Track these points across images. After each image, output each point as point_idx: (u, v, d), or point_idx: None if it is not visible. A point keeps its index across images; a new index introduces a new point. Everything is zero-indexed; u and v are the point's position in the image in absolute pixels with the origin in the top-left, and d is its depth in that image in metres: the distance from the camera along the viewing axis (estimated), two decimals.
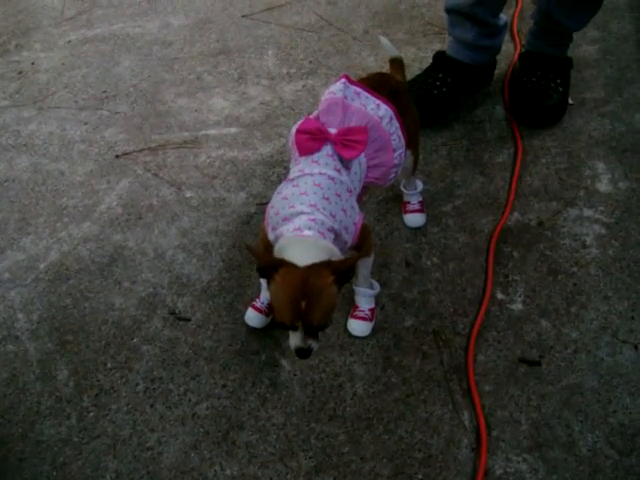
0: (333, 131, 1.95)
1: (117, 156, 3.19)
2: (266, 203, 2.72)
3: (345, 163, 1.93)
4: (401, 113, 2.09)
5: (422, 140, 2.85)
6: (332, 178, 1.87)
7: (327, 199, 1.82)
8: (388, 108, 2.03)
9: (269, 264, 1.72)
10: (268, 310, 2.37)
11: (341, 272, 1.69)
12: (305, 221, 1.76)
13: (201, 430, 2.19)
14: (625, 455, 2.07)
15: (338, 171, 1.90)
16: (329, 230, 1.78)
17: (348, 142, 1.91)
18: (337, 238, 1.83)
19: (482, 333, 2.34)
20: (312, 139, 1.92)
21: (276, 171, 2.98)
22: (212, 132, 3.23)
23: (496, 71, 3.29)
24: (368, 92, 2.04)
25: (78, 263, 2.75)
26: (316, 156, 1.92)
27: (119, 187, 3.03)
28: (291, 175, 1.96)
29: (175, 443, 2.17)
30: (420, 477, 2.04)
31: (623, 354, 2.27)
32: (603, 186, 2.82)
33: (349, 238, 1.89)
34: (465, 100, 3.17)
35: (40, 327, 2.54)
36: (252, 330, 2.40)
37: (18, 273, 2.74)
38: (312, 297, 1.64)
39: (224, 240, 2.74)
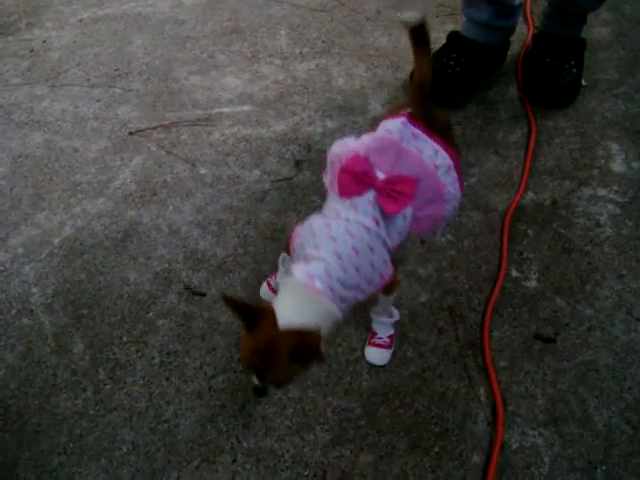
0: (381, 176, 1.73)
1: (130, 133, 3.17)
2: (281, 180, 2.74)
3: (386, 215, 1.72)
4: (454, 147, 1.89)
5: None
6: (367, 229, 1.68)
7: (356, 251, 1.65)
8: (447, 156, 1.80)
9: (251, 315, 1.58)
10: None
11: (298, 354, 1.53)
12: (322, 271, 1.61)
13: (217, 403, 2.18)
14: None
15: (376, 222, 1.70)
16: (344, 286, 1.63)
17: (393, 193, 1.70)
18: (354, 290, 1.68)
19: (497, 310, 2.33)
20: (356, 182, 1.72)
21: (290, 149, 2.96)
22: (225, 110, 3.21)
23: (509, 52, 3.27)
24: (427, 135, 1.80)
25: (92, 238, 2.73)
26: (356, 201, 1.72)
27: (133, 164, 3.01)
28: (326, 209, 1.81)
29: (191, 416, 2.16)
30: (436, 450, 2.03)
31: (637, 332, 2.27)
32: (617, 166, 2.80)
33: (371, 289, 1.74)
34: (478, 81, 3.14)
35: (55, 301, 2.53)
36: None
37: (32, 248, 2.73)
38: (268, 365, 1.55)
39: (239, 216, 2.72)
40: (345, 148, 1.89)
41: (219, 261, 2.58)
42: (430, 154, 1.78)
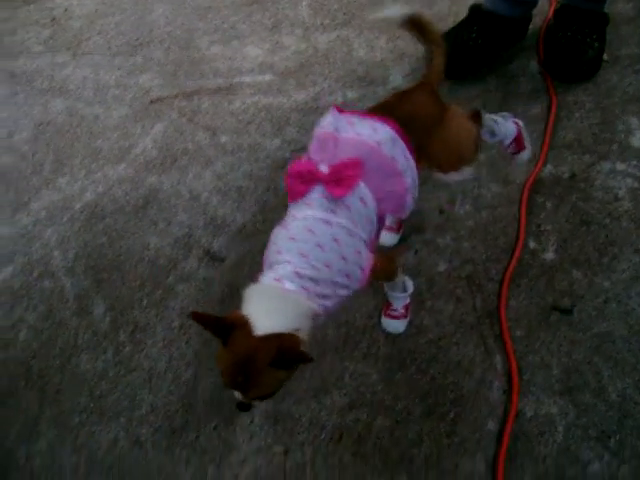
0: (325, 169, 1.68)
1: (151, 101, 3.19)
2: (301, 149, 2.75)
3: (340, 202, 1.66)
4: (423, 136, 1.82)
5: (458, 89, 2.84)
6: (327, 222, 1.62)
7: (321, 247, 1.59)
8: (388, 129, 1.72)
9: (223, 328, 1.53)
10: None
11: (281, 360, 1.47)
12: (289, 272, 1.55)
13: None
14: None
15: (333, 212, 1.64)
16: (317, 283, 1.57)
17: (341, 180, 1.65)
18: (333, 286, 1.61)
19: (514, 280, 2.34)
20: (302, 182, 1.69)
21: (310, 118, 2.96)
22: (246, 79, 3.21)
23: (531, 26, 3.24)
24: (360, 115, 1.76)
25: (113, 204, 2.76)
26: (308, 199, 1.67)
27: (154, 131, 3.03)
28: (285, 219, 1.75)
29: (210, 377, 2.19)
30: (452, 416, 2.06)
31: None
32: (636, 141, 2.78)
33: (355, 284, 1.66)
34: (499, 54, 3.13)
35: (76, 265, 2.56)
36: None
37: (54, 212, 2.77)
38: (251, 377, 1.47)
39: (258, 184, 2.74)
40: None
41: (239, 227, 2.61)
42: (369, 133, 1.71)
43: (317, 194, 1.66)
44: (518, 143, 2.35)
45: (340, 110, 1.78)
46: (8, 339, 2.40)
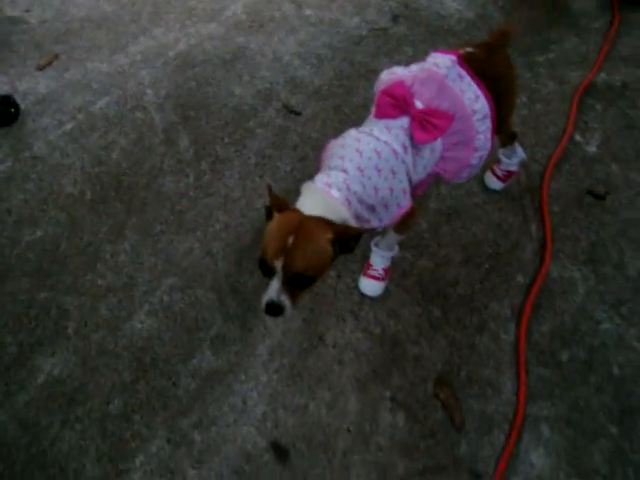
0: (419, 105, 1.69)
1: None
2: (377, 29, 2.87)
3: (415, 143, 1.67)
4: (499, 96, 1.80)
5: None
6: (395, 152, 1.62)
7: (379, 170, 1.60)
8: (487, 104, 1.73)
9: (276, 205, 1.54)
10: None
11: (342, 236, 1.48)
12: (341, 181, 1.56)
13: None
14: None
15: (404, 148, 1.65)
16: (360, 201, 1.58)
17: (427, 123, 1.65)
18: (369, 211, 1.63)
19: (557, 165, 2.45)
20: (393, 106, 1.67)
21: (389, 3, 3.06)
22: None
23: None
24: (473, 79, 1.73)
25: (203, 55, 2.90)
26: (390, 124, 1.67)
27: None
28: (363, 126, 1.74)
29: None
30: (487, 267, 2.21)
31: None
32: None
33: (386, 217, 1.66)
34: None
35: (166, 102, 2.72)
36: None
37: (149, 56, 2.90)
38: (301, 238, 1.43)
39: (336, 54, 2.86)
40: (392, 76, 1.86)
41: (315, 88, 2.73)
42: (470, 97, 1.72)
43: (400, 124, 1.67)
44: (507, 176, 2.41)
45: (460, 61, 1.75)
46: (102, 156, 2.56)
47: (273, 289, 1.45)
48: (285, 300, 1.46)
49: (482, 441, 1.84)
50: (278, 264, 1.43)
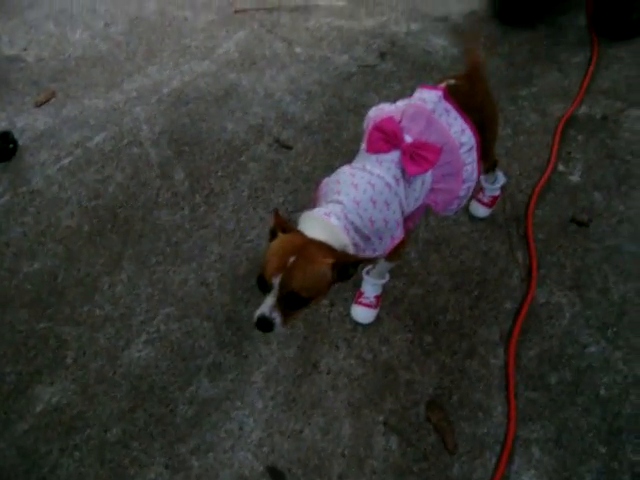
0: (408, 139, 1.73)
1: (236, 11, 3.38)
2: (366, 66, 2.96)
3: (407, 176, 1.71)
4: (482, 126, 1.86)
5: (510, 33, 3.04)
6: (388, 185, 1.66)
7: (374, 202, 1.63)
8: (473, 137, 1.78)
9: (281, 226, 1.56)
10: None
11: (342, 262, 1.50)
12: (338, 211, 1.59)
13: None
14: None
15: (396, 181, 1.69)
16: (356, 230, 1.61)
17: (417, 156, 1.69)
18: (365, 241, 1.66)
19: (542, 194, 2.52)
20: (384, 141, 1.72)
21: (376, 41, 3.15)
22: (322, 3, 3.41)
23: None
24: (459, 112, 1.78)
25: (197, 92, 2.97)
26: (381, 158, 1.71)
27: (236, 36, 3.23)
28: (355, 162, 1.79)
29: None
30: (475, 294, 2.26)
31: None
32: None
33: (380, 248, 1.71)
34: (551, 6, 3.30)
35: (161, 137, 2.79)
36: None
37: (144, 94, 2.98)
38: (302, 259, 1.45)
39: (326, 90, 2.94)
40: (380, 112, 1.92)
41: (306, 123, 2.81)
42: (457, 130, 1.76)
43: (391, 158, 1.70)
44: (493, 201, 2.48)
45: (446, 95, 1.79)
46: (99, 190, 2.61)
47: (267, 305, 1.46)
48: (277, 317, 1.47)
49: (474, 463, 1.87)
50: (276, 281, 1.44)
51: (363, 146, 1.80)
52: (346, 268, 1.52)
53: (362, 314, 2.21)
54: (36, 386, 2.05)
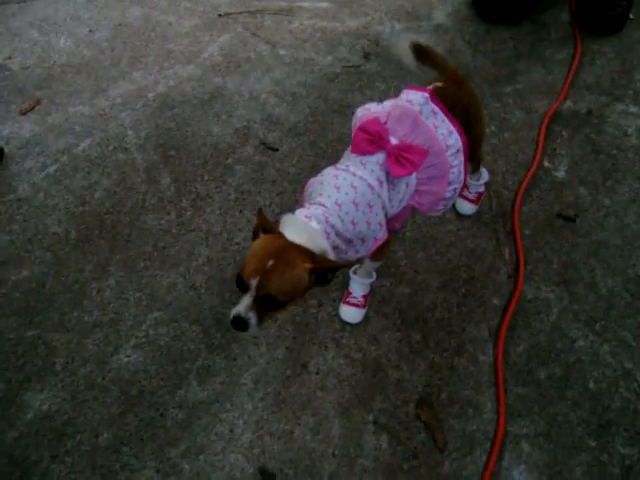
0: (394, 141, 1.73)
1: (219, 15, 3.37)
2: (350, 66, 2.96)
3: (391, 178, 1.71)
4: (468, 127, 1.86)
5: (493, 31, 3.06)
6: (371, 187, 1.67)
7: (356, 205, 1.64)
8: (460, 139, 1.77)
9: (264, 226, 1.58)
10: None
11: (320, 267, 1.52)
12: (319, 214, 1.60)
13: None
14: (637, 299, 2.28)
15: (380, 183, 1.69)
16: (337, 234, 1.62)
17: (402, 158, 1.69)
18: (346, 244, 1.67)
19: (528, 190, 2.53)
20: (369, 142, 1.71)
21: (360, 42, 3.15)
22: (305, 4, 3.40)
23: None
24: (446, 115, 1.77)
25: (182, 96, 2.97)
26: (365, 159, 1.71)
27: (220, 40, 3.23)
28: (340, 162, 1.79)
29: None
30: (463, 291, 2.27)
31: None
32: None
33: (363, 249, 1.71)
34: (535, 4, 3.31)
35: (147, 143, 2.78)
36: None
37: (129, 99, 2.97)
38: (280, 262, 1.47)
39: (311, 91, 2.94)
40: (367, 113, 1.91)
41: (291, 125, 2.81)
42: (444, 132, 1.76)
43: (375, 160, 1.71)
44: (478, 198, 2.50)
45: (432, 98, 1.78)
46: (85, 196, 2.60)
47: (243, 304, 1.49)
48: (252, 318, 1.49)
49: (465, 460, 1.88)
50: (253, 282, 1.46)
51: (348, 149, 1.81)
52: (324, 273, 1.54)
53: (350, 314, 2.21)
54: (26, 393, 2.04)
